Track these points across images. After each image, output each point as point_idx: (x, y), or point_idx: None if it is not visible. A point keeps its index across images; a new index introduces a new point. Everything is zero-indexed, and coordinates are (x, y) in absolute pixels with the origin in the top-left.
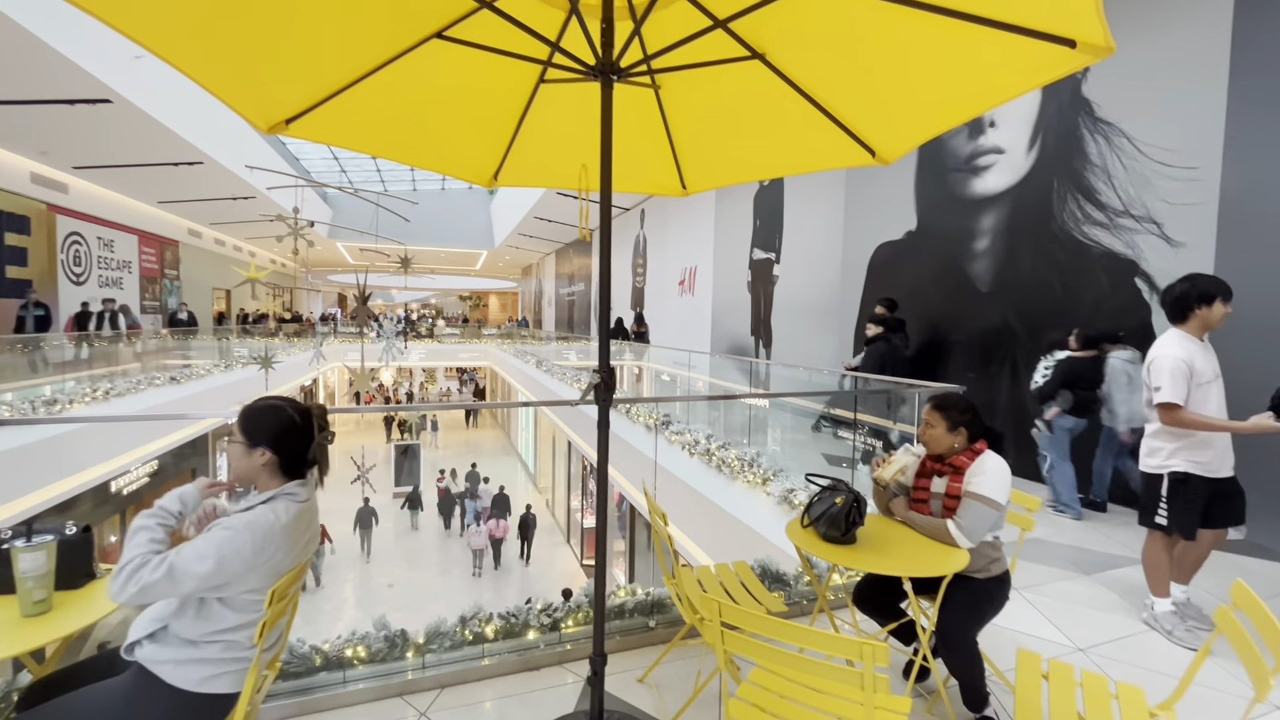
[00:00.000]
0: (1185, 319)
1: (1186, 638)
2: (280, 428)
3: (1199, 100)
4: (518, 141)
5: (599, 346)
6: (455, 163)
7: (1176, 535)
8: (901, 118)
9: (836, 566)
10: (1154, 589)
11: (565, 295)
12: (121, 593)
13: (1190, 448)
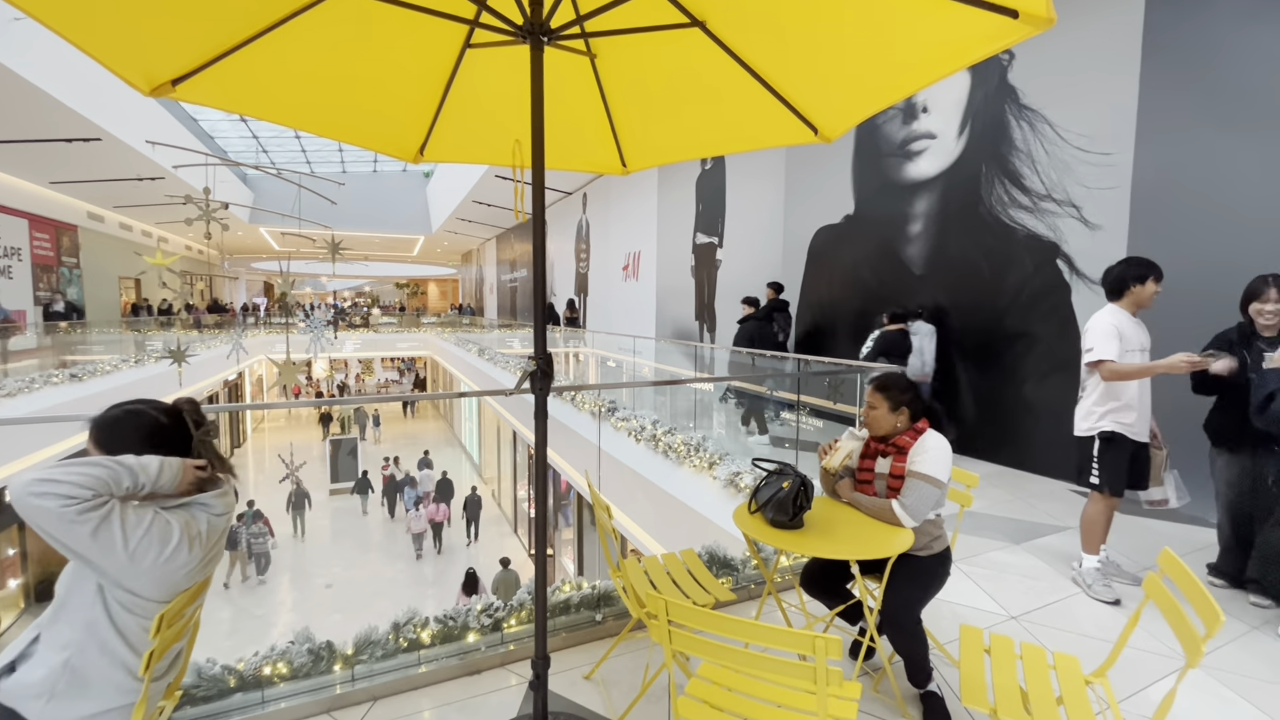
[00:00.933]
0: (1120, 295)
1: (1103, 592)
2: (145, 433)
3: (1113, 88)
4: (445, 113)
5: (535, 332)
6: (375, 135)
7: (1108, 492)
8: (844, 92)
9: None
10: (1086, 546)
11: (507, 282)
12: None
13: (1117, 411)
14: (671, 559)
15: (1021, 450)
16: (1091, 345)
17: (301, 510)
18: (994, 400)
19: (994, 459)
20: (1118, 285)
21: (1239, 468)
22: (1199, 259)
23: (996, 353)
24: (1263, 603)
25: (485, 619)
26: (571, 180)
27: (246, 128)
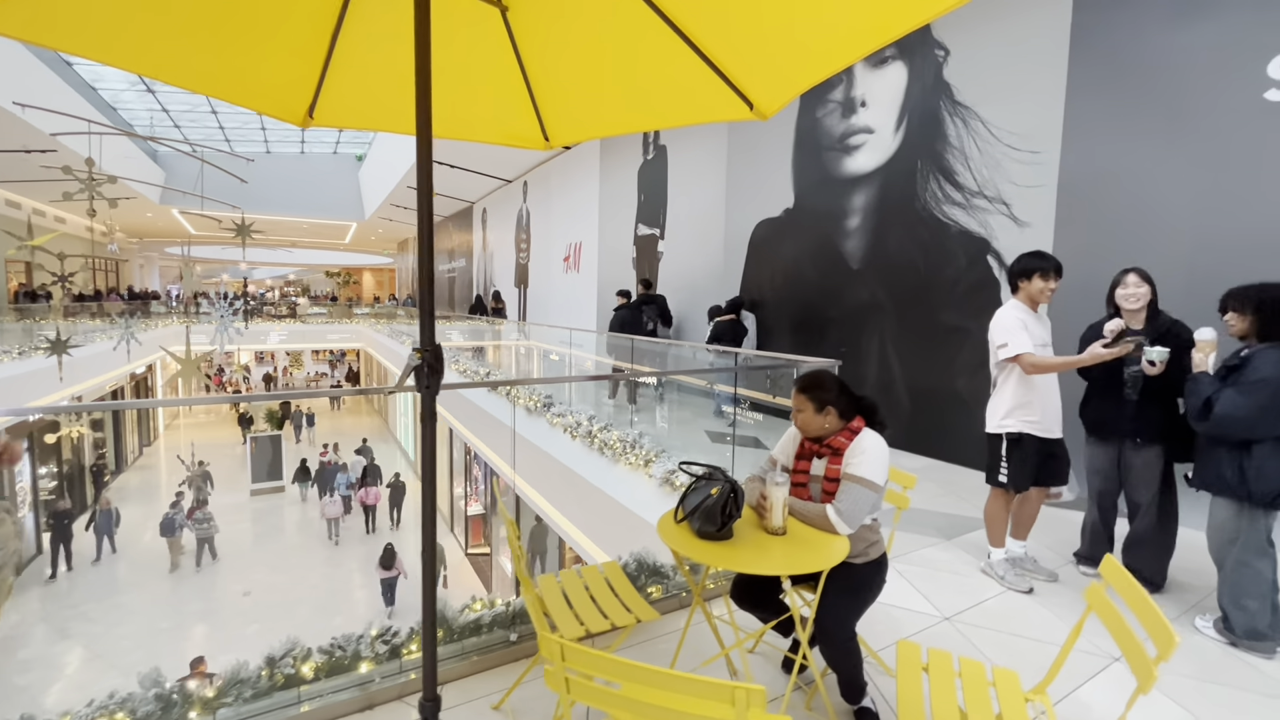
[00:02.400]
0: (1016, 290)
1: (1017, 582)
2: None
3: (1042, 87)
4: (335, 70)
5: (420, 322)
6: (252, 91)
7: (1012, 490)
8: (780, 62)
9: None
10: (992, 540)
11: (445, 272)
12: None
13: (1023, 408)
14: (592, 573)
15: (955, 444)
16: (1004, 341)
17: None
18: (928, 394)
19: (929, 453)
20: (1011, 281)
21: (1108, 458)
22: (1121, 257)
23: (931, 347)
24: None
25: (381, 645)
26: (511, 167)
27: (155, 99)
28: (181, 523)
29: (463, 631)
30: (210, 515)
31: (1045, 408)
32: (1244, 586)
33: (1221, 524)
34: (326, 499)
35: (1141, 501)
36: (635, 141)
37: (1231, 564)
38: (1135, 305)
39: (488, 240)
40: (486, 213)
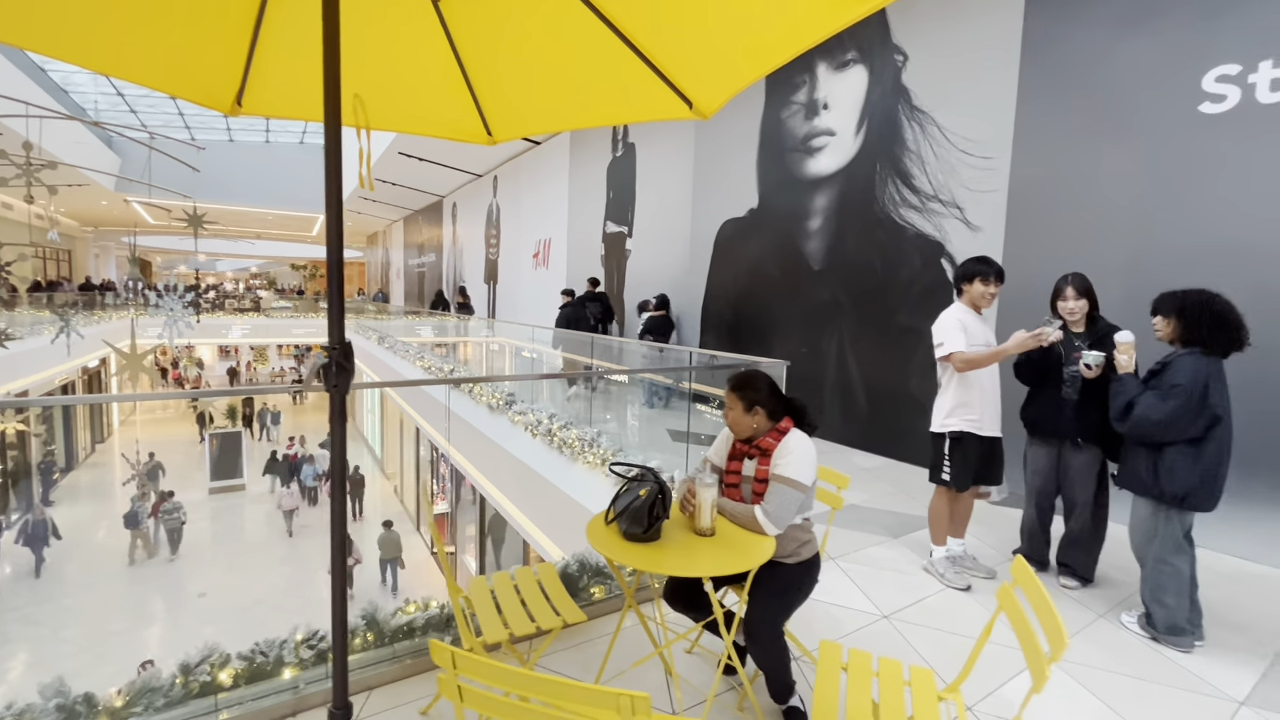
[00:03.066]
0: (960, 294)
1: (955, 580)
2: None
3: (994, 94)
4: (262, 56)
5: (330, 316)
6: (179, 78)
7: (955, 489)
8: (715, 60)
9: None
10: (934, 539)
11: (415, 266)
12: None
13: (964, 407)
14: (525, 575)
15: (909, 444)
16: (941, 340)
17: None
18: (885, 395)
19: (885, 453)
20: (956, 284)
21: (1047, 458)
22: (1067, 261)
23: (887, 348)
24: (1071, 584)
25: (306, 650)
26: (481, 161)
27: (110, 83)
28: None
29: (395, 635)
30: (179, 505)
31: (985, 407)
32: (1163, 584)
33: (1141, 522)
34: (283, 490)
35: (1078, 500)
36: (604, 138)
37: (1151, 561)
38: (1074, 318)
39: (458, 235)
40: (457, 207)
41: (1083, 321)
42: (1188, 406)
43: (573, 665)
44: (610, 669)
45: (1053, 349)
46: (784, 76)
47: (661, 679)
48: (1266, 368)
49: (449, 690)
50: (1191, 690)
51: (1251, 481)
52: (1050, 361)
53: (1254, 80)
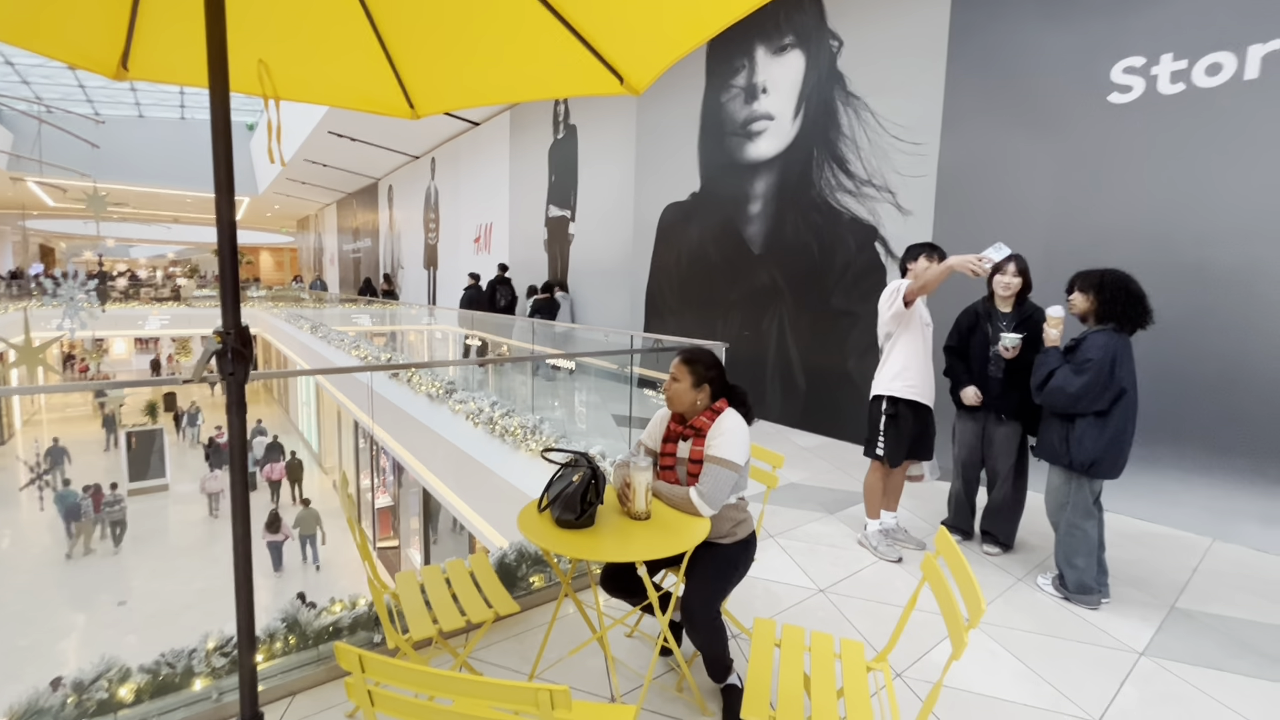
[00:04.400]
0: (904, 274)
1: (887, 552)
2: None
3: (924, 82)
4: (149, 12)
5: (223, 301)
6: (53, 38)
7: (887, 463)
8: (644, 34)
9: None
10: (869, 512)
11: (350, 252)
12: None
13: (905, 372)
14: (456, 566)
15: (846, 422)
16: (889, 296)
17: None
18: (823, 375)
19: (823, 431)
20: (902, 266)
21: (972, 432)
22: (992, 243)
23: (824, 330)
24: (993, 551)
25: (220, 658)
26: (417, 142)
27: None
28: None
29: (319, 636)
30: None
31: (922, 374)
32: (1074, 546)
33: (1055, 490)
34: (207, 475)
35: (1000, 471)
36: (545, 121)
37: (1064, 526)
38: (1006, 293)
39: (395, 219)
40: (393, 190)
41: (1012, 301)
42: (1098, 380)
43: (510, 656)
44: (548, 657)
45: (977, 329)
46: (723, 60)
47: (600, 665)
48: (1165, 344)
49: (358, 695)
50: (1098, 644)
51: (1152, 449)
52: (977, 342)
53: (1156, 72)
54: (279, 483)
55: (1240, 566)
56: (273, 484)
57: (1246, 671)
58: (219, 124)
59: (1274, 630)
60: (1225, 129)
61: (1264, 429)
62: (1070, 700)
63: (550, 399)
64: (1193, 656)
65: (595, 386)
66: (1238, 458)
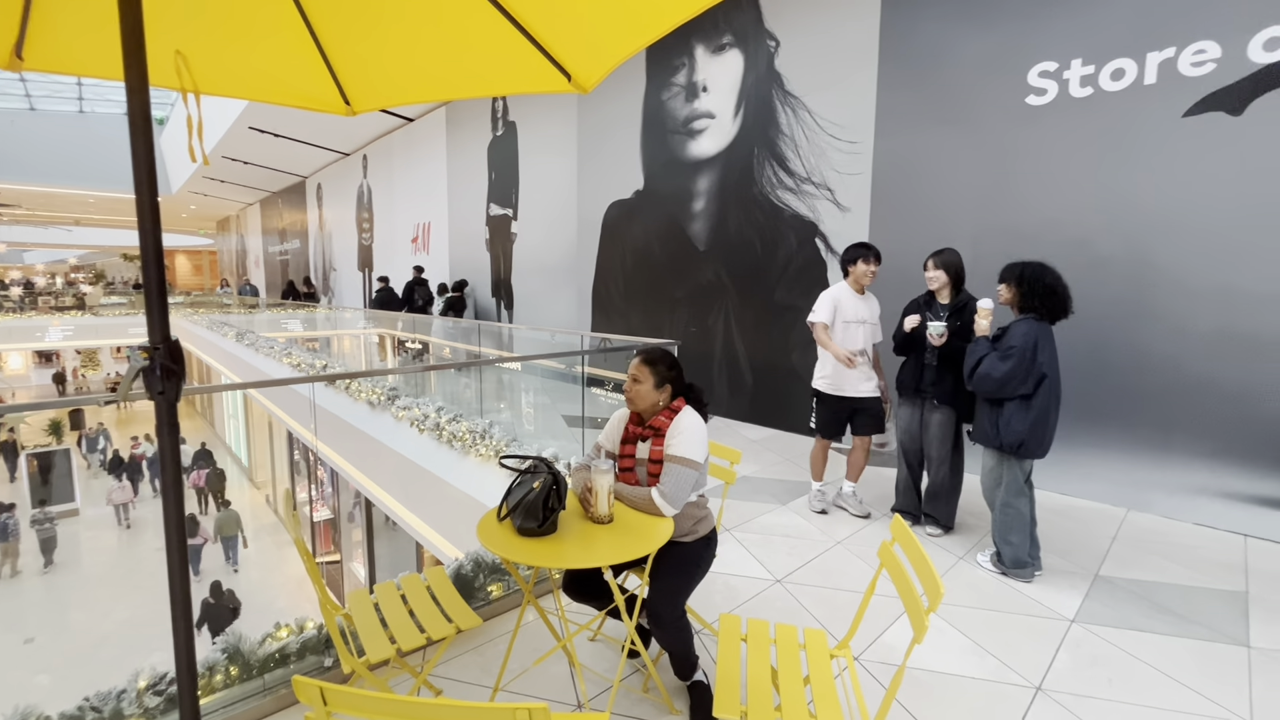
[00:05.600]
0: (846, 275)
1: (816, 506)
2: None
3: (858, 82)
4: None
5: (148, 311)
6: None
7: (821, 436)
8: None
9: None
10: (813, 476)
11: (277, 254)
12: None
13: (819, 369)
14: (413, 582)
15: (792, 414)
16: (814, 310)
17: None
18: (768, 369)
19: (770, 424)
20: (842, 267)
21: (913, 417)
22: (924, 237)
23: (768, 324)
24: (935, 532)
25: (153, 697)
26: (347, 139)
27: None
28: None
29: (264, 665)
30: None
31: (839, 373)
32: (1009, 524)
33: (988, 471)
34: (114, 485)
35: (937, 456)
36: (484, 116)
37: (998, 506)
38: (934, 286)
39: (324, 219)
40: (322, 188)
41: (948, 293)
42: (1020, 366)
43: (472, 670)
44: (512, 668)
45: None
46: (663, 58)
47: (566, 672)
48: (1083, 331)
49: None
50: (1034, 615)
51: (1074, 429)
52: (918, 333)
53: (1068, 76)
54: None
55: (1152, 534)
56: (199, 490)
57: (1163, 630)
58: (138, 119)
59: (1183, 591)
60: (1129, 130)
61: (1166, 407)
62: (1012, 670)
63: (498, 401)
64: (1116, 620)
65: (544, 387)
66: (1146, 434)
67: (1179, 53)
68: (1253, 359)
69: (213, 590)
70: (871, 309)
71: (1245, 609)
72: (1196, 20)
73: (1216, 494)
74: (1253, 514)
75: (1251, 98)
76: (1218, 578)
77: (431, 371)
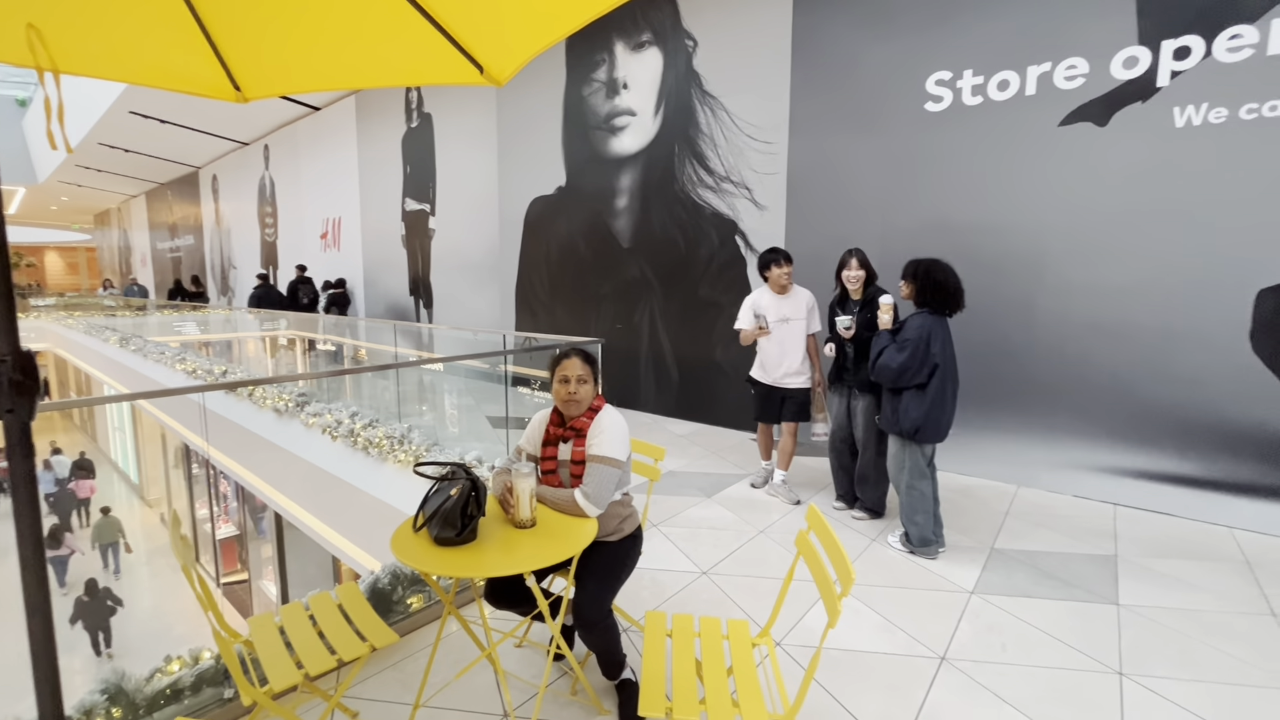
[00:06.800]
0: (766, 280)
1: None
2: None
3: (772, 84)
4: None
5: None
6: None
7: (756, 420)
8: (507, 22)
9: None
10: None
11: (168, 251)
12: None
13: (754, 359)
14: (323, 601)
15: (716, 408)
16: (737, 319)
17: None
18: (693, 365)
19: (695, 418)
20: (760, 272)
21: (839, 406)
22: (837, 235)
23: (692, 320)
24: (860, 516)
25: None
26: (245, 127)
27: None
28: None
29: (153, 703)
30: None
31: (765, 364)
32: (914, 505)
33: (894, 456)
34: None
35: (861, 441)
36: (397, 107)
37: (904, 488)
38: (854, 285)
39: (222, 212)
40: (218, 180)
41: (861, 288)
42: (915, 357)
43: (391, 688)
44: (433, 682)
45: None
46: (583, 53)
47: (491, 682)
48: (978, 323)
49: None
50: (938, 590)
51: (974, 414)
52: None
53: (961, 85)
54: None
55: (1038, 508)
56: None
57: (1047, 595)
58: None
59: (1064, 558)
60: (1013, 137)
61: (1051, 393)
62: (920, 643)
63: (419, 405)
64: (1009, 589)
65: (468, 388)
66: (1034, 418)
67: (1054, 67)
68: (1120, 347)
69: (88, 588)
70: (796, 306)
71: (1115, 571)
72: (1068, 38)
73: (1092, 469)
74: (1121, 485)
75: (1114, 110)
76: (1092, 544)
77: (345, 375)
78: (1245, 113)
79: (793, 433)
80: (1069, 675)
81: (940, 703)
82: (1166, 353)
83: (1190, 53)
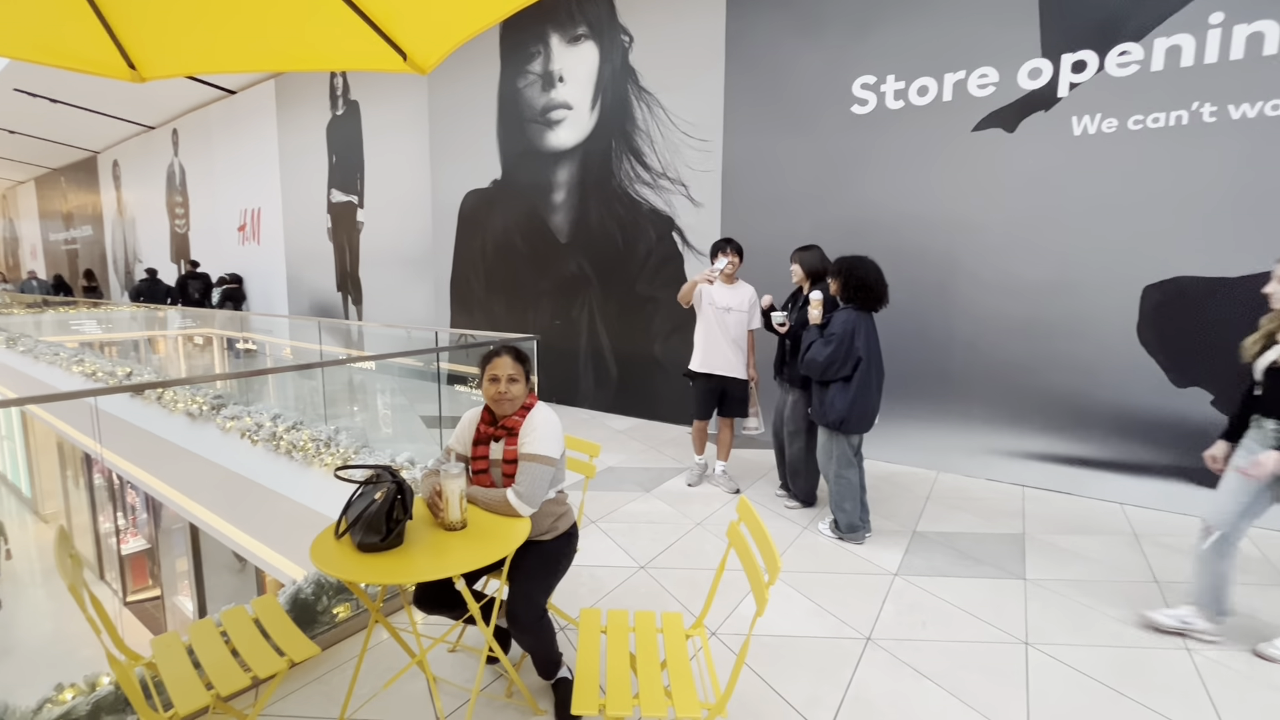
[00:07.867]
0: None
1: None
2: None
3: (706, 83)
4: None
5: None
6: None
7: (694, 416)
8: (431, 9)
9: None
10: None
11: (62, 242)
12: None
13: (695, 350)
14: (237, 616)
15: (654, 403)
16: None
17: None
18: (631, 360)
19: (634, 413)
20: (711, 258)
21: (779, 400)
22: (771, 232)
23: (630, 316)
24: (792, 505)
25: None
26: (150, 109)
27: None
28: None
29: None
30: None
31: (706, 352)
32: (842, 493)
33: (822, 446)
34: None
35: (790, 434)
36: (321, 94)
37: (833, 477)
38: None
39: (124, 201)
40: (119, 166)
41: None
42: (840, 350)
43: (315, 702)
44: (360, 694)
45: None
46: (518, 44)
47: (423, 689)
48: (904, 318)
49: None
50: (865, 573)
51: (898, 405)
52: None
53: (884, 90)
54: None
55: (955, 491)
56: None
57: (962, 574)
58: None
59: (978, 538)
60: (931, 140)
61: (967, 383)
62: (847, 625)
63: (349, 405)
64: (929, 569)
65: (401, 387)
66: (952, 406)
67: (968, 75)
68: (1026, 339)
69: None
70: (740, 297)
71: (1022, 548)
72: (980, 48)
73: (1002, 453)
74: (1028, 468)
75: (1022, 117)
76: (1002, 524)
77: (268, 375)
78: (1132, 124)
79: (731, 425)
80: (981, 647)
81: (866, 681)
82: (1067, 344)
83: (1086, 66)
